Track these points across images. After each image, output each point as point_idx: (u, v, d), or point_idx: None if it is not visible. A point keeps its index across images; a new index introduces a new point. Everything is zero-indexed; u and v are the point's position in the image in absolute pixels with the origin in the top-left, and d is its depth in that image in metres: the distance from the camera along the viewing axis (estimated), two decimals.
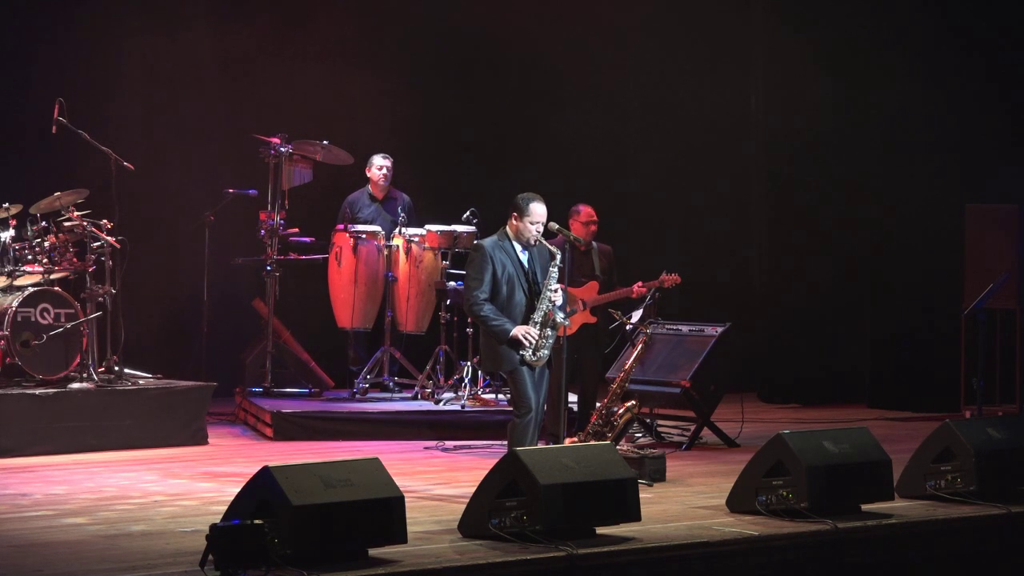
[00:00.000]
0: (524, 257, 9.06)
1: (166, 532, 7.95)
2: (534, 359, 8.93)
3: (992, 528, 8.64)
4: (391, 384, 12.86)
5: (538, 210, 9.03)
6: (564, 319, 9.10)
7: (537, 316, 8.97)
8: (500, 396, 12.20)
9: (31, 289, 11.24)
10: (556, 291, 9.03)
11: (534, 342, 8.91)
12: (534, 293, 9.04)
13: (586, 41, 15.47)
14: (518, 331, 8.90)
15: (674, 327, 11.99)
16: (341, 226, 12.94)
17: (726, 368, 11.86)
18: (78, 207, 11.51)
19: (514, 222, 9.07)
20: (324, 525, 7.00)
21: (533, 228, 9.02)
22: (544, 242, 9.11)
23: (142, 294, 12.75)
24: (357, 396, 12.63)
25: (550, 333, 8.98)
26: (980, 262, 13.17)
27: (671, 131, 15.78)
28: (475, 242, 9.27)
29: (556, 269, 9.04)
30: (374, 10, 14.82)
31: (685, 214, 15.82)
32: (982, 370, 12.48)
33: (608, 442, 9.52)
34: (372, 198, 13.20)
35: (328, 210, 13.36)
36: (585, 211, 11.59)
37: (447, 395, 12.37)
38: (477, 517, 7.71)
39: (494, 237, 9.14)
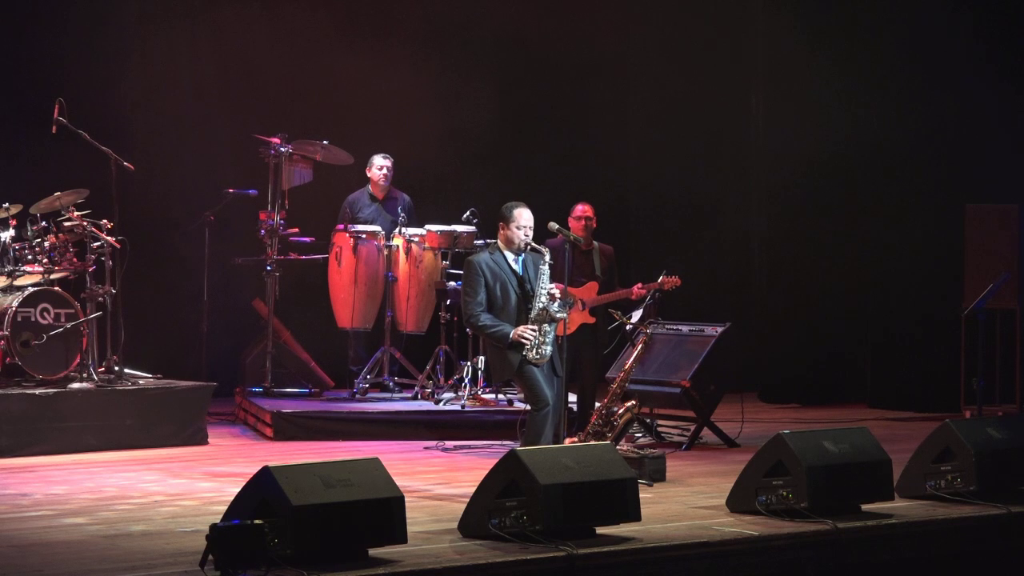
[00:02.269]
0: (517, 265, 9.23)
1: (166, 532, 7.95)
2: (537, 357, 9.05)
3: (992, 528, 8.63)
4: (391, 384, 12.87)
5: (524, 215, 9.26)
6: (559, 311, 9.14)
7: (532, 314, 9.08)
8: (500, 396, 12.21)
9: (31, 289, 11.24)
10: (550, 288, 9.13)
11: (534, 339, 9.00)
12: (528, 298, 9.15)
13: (587, 42, 15.46)
14: (516, 331, 9.03)
15: (674, 327, 11.99)
16: (341, 226, 12.94)
17: (726, 368, 11.86)
18: (78, 207, 11.51)
19: (503, 231, 9.31)
20: (324, 525, 7.00)
21: (520, 233, 9.23)
22: (534, 244, 9.22)
23: (142, 294, 12.75)
24: (357, 396, 12.63)
25: (548, 329, 9.09)
26: (980, 262, 13.18)
27: (671, 131, 15.77)
28: (467, 259, 9.37)
29: (546, 266, 9.18)
30: (374, 9, 14.82)
31: (685, 215, 15.81)
32: (982, 370, 12.48)
33: (608, 442, 9.53)
34: (372, 198, 13.20)
35: (328, 210, 13.36)
36: (578, 208, 11.59)
37: (447, 395, 12.36)
38: (477, 517, 7.71)
39: (485, 252, 9.36)
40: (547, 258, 9.21)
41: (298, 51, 14.39)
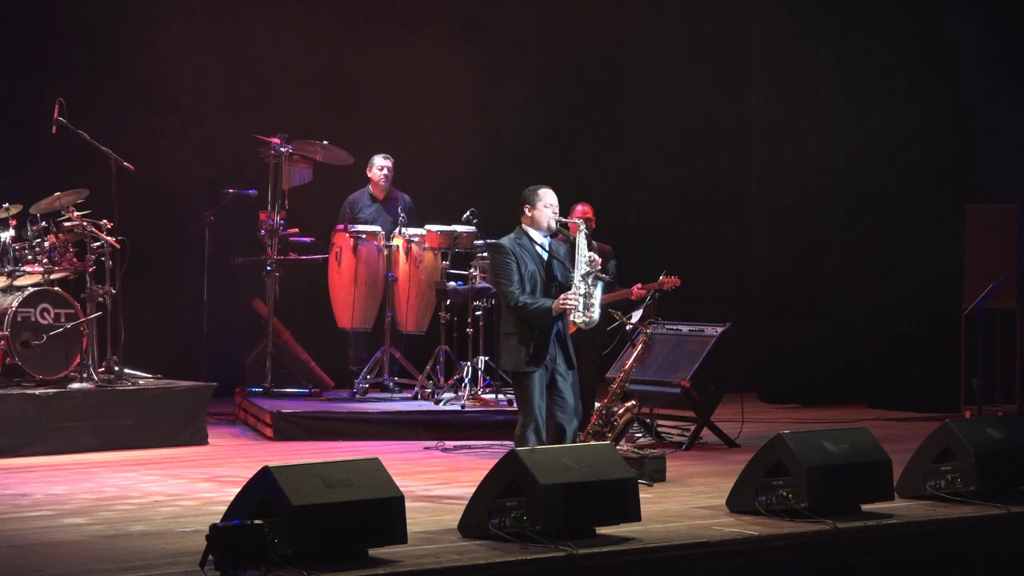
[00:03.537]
0: (542, 249, 8.96)
1: (166, 532, 7.96)
2: (586, 320, 8.78)
3: (992, 528, 8.63)
4: (391, 384, 12.87)
5: (549, 194, 8.96)
6: (604, 273, 9.03)
7: (576, 279, 8.85)
8: (500, 396, 12.21)
9: (31, 289, 11.25)
10: (590, 257, 8.91)
11: (578, 301, 8.75)
12: (551, 278, 8.92)
13: (586, 42, 15.46)
14: (558, 301, 8.74)
15: (674, 327, 11.99)
16: (341, 226, 12.95)
17: (726, 368, 11.86)
18: (78, 207, 11.51)
19: (528, 213, 8.94)
20: (324, 525, 7.00)
21: (548, 211, 8.92)
22: (564, 220, 9.03)
23: (142, 294, 12.76)
24: (357, 396, 12.63)
25: (595, 292, 8.86)
26: (980, 262, 13.17)
27: (671, 130, 15.77)
28: (494, 243, 9.09)
29: (583, 235, 8.93)
30: (375, 10, 14.82)
31: (685, 214, 15.81)
32: (982, 370, 12.49)
33: (608, 442, 9.51)
34: (373, 198, 13.20)
35: (328, 210, 13.36)
36: (577, 208, 11.55)
37: (447, 395, 12.36)
38: (477, 517, 7.71)
39: (511, 235, 8.99)
40: (583, 227, 9.02)
41: (299, 51, 14.39)
